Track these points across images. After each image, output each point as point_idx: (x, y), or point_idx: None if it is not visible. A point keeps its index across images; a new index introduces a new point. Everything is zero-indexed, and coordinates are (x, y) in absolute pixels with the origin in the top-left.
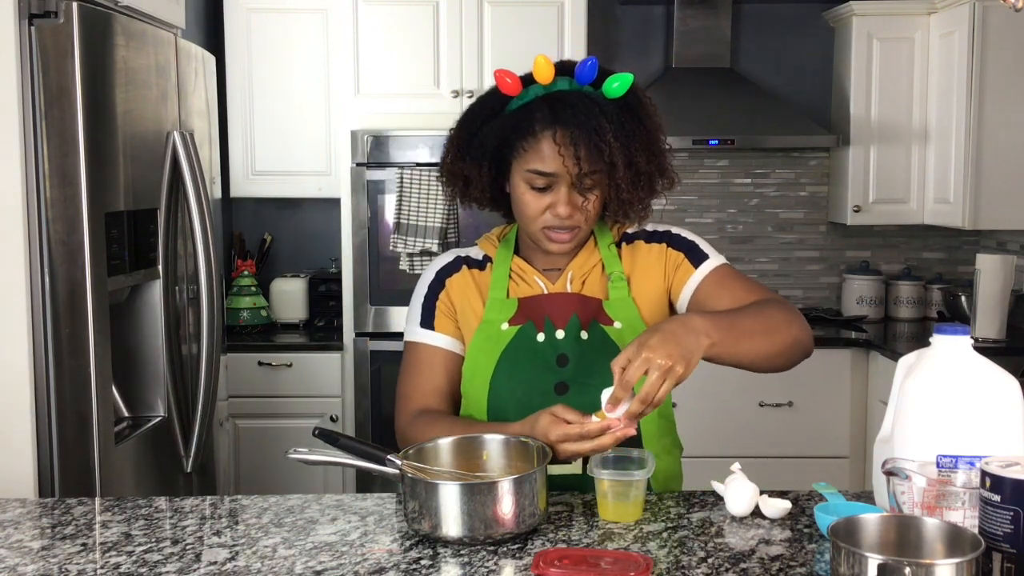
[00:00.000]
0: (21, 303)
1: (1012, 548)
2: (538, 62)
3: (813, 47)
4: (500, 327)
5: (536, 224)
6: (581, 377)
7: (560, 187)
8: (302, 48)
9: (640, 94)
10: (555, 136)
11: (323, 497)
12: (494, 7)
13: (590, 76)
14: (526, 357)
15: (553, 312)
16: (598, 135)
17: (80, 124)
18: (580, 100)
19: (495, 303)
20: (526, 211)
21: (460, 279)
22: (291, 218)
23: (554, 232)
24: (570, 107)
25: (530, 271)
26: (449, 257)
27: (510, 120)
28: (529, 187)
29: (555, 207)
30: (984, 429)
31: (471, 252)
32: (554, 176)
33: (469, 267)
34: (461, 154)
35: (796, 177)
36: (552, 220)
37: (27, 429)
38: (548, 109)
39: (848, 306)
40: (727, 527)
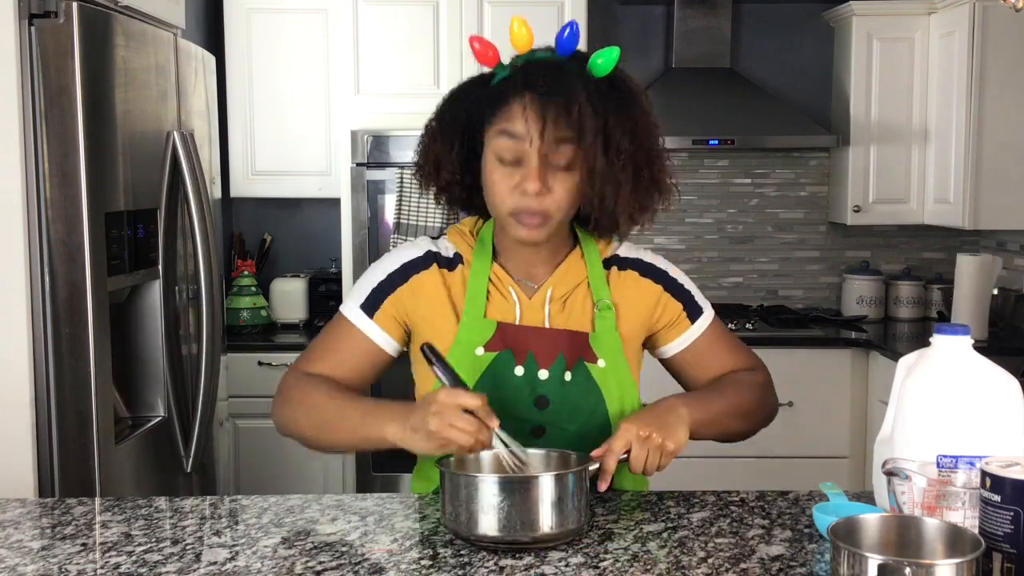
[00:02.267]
0: (21, 303)
1: (1012, 548)
2: (512, 27)
3: (813, 47)
4: (475, 351)
5: (506, 206)
6: (560, 421)
7: (530, 161)
8: (302, 48)
9: (629, 81)
10: (524, 100)
11: (323, 497)
12: (494, 7)
13: (571, 43)
14: (504, 394)
15: (538, 348)
16: (569, 97)
17: (80, 124)
18: (556, 66)
19: (472, 322)
20: (495, 190)
21: (429, 280)
22: (291, 218)
23: (523, 215)
24: (543, 72)
25: (506, 280)
26: (419, 251)
27: (485, 93)
28: (499, 162)
29: (523, 182)
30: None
31: (441, 246)
32: (521, 140)
33: (440, 266)
34: (435, 135)
35: (796, 177)
36: (521, 201)
37: (27, 429)
38: (522, 75)
39: (848, 306)
40: (727, 527)
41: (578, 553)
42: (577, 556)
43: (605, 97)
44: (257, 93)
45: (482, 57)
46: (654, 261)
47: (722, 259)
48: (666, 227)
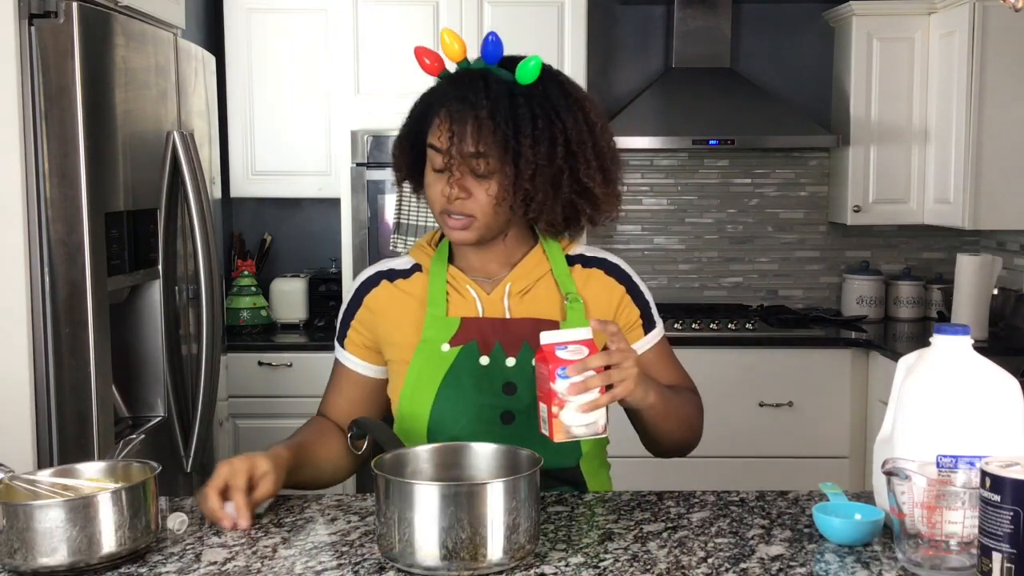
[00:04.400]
0: (21, 303)
1: (1012, 548)
2: (443, 38)
3: (813, 47)
4: (440, 348)
5: (436, 208)
6: (530, 407)
7: (452, 168)
8: (302, 48)
9: (564, 83)
10: (447, 111)
11: (323, 497)
12: (494, 7)
13: (494, 53)
14: (470, 383)
15: (504, 338)
16: (473, 111)
17: (80, 124)
18: (472, 78)
19: (434, 320)
20: (428, 195)
21: (380, 295)
22: (291, 218)
23: (448, 217)
24: (457, 84)
25: (462, 279)
26: (370, 272)
27: (423, 102)
28: (431, 167)
29: (443, 188)
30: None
31: (396, 263)
32: (441, 152)
33: (391, 279)
34: (397, 140)
35: (796, 177)
36: (446, 204)
37: (27, 429)
38: (446, 85)
39: (848, 306)
40: (727, 527)
41: (578, 553)
42: (577, 556)
43: (520, 106)
44: (257, 93)
45: (428, 68)
46: (619, 263)
47: (722, 259)
48: (666, 227)
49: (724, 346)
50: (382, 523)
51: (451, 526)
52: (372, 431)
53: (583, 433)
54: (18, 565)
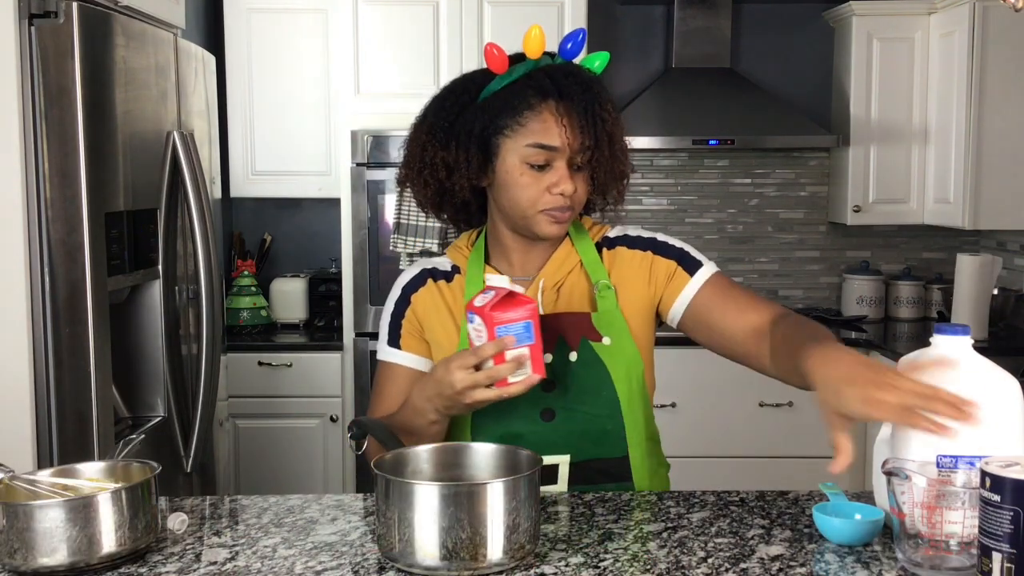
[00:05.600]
0: (21, 303)
1: (1012, 548)
2: (532, 33)
3: (813, 47)
4: None
5: (535, 207)
6: (569, 403)
7: (559, 164)
8: (302, 48)
9: None
10: (557, 107)
11: (323, 497)
12: (494, 7)
13: (576, 52)
14: None
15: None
16: (599, 106)
17: (80, 124)
18: (576, 71)
19: None
20: (524, 194)
21: (426, 294)
22: (291, 218)
23: (555, 212)
24: (569, 77)
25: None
26: (415, 271)
27: (499, 99)
28: (527, 167)
29: (558, 185)
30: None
31: (438, 263)
32: (556, 150)
33: (435, 280)
34: (443, 142)
35: (796, 177)
36: (552, 201)
37: (27, 428)
38: (548, 80)
39: (848, 306)
40: (727, 527)
41: (578, 553)
42: (577, 556)
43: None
44: (257, 93)
45: (495, 62)
46: (640, 233)
47: (722, 259)
48: (666, 227)
49: None
50: (382, 523)
51: (451, 526)
52: (372, 431)
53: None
54: (18, 565)
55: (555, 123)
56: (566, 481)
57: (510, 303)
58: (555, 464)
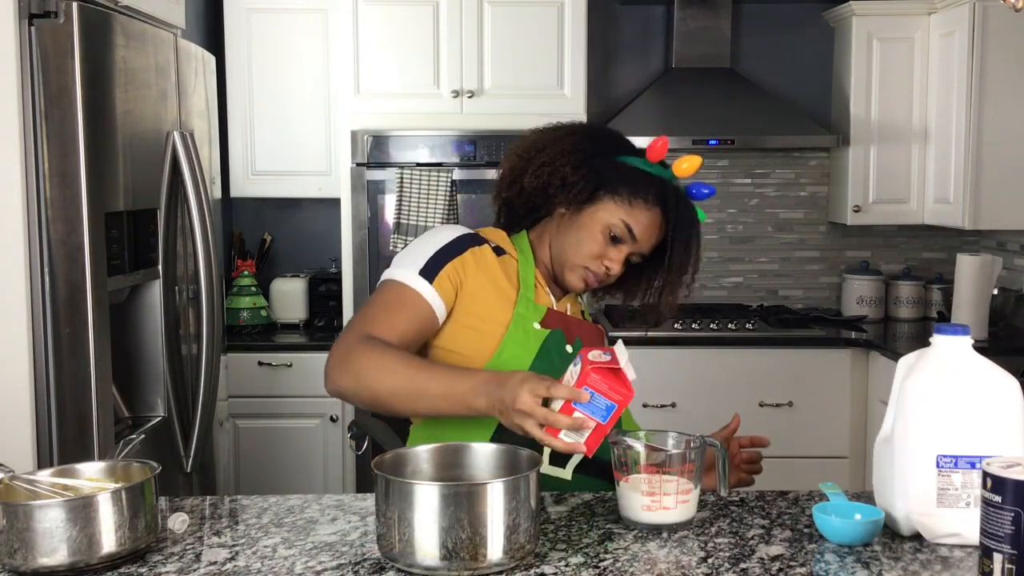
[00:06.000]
0: (21, 303)
1: (1013, 549)
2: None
3: (813, 47)
4: (533, 325)
5: (584, 261)
6: None
7: (625, 249)
8: (302, 48)
9: None
10: (663, 218)
11: (323, 497)
12: (494, 7)
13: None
14: (559, 365)
15: (583, 335)
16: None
17: (80, 124)
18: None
19: (527, 302)
20: (586, 248)
21: (487, 255)
22: (291, 218)
23: (591, 276)
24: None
25: (543, 280)
26: (463, 230)
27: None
28: (607, 232)
29: (611, 260)
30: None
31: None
32: (635, 241)
33: (490, 247)
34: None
35: (796, 177)
36: (597, 267)
37: (27, 429)
38: (674, 198)
39: (848, 306)
40: (727, 527)
41: (578, 553)
42: (577, 556)
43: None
44: (257, 93)
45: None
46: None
47: (722, 259)
48: None
49: (724, 346)
50: (382, 523)
51: (451, 526)
52: (372, 431)
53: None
54: (18, 565)
55: (652, 224)
56: (572, 470)
57: (614, 379)
58: None
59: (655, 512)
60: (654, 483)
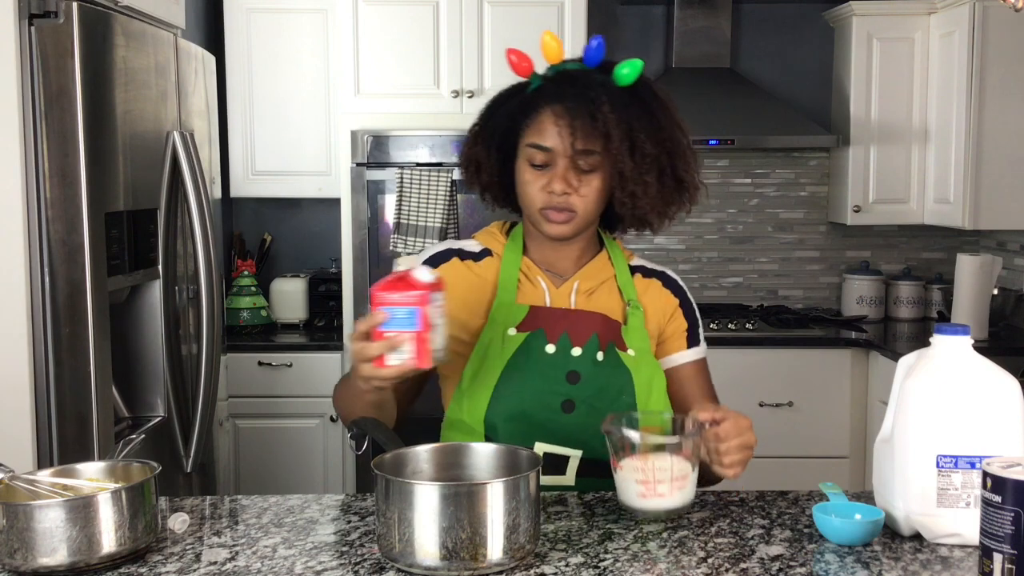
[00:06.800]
0: (21, 303)
1: (1013, 549)
2: (544, 39)
3: (813, 47)
4: (507, 332)
5: (536, 204)
6: (590, 398)
7: (558, 164)
8: (302, 48)
9: (654, 87)
10: (554, 110)
11: (323, 497)
12: (494, 7)
13: (597, 56)
14: (534, 369)
15: (572, 328)
16: (594, 106)
17: (80, 124)
18: (583, 77)
19: (503, 307)
20: (526, 191)
21: (451, 271)
22: (291, 218)
23: (551, 211)
24: (570, 81)
25: (535, 270)
26: (440, 247)
27: (519, 102)
28: (529, 165)
29: (550, 183)
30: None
31: (466, 245)
32: (551, 151)
33: (462, 259)
34: (475, 140)
35: (796, 177)
36: (549, 199)
37: (27, 429)
38: (552, 86)
39: (848, 306)
40: (727, 527)
41: (578, 553)
42: (577, 556)
43: (628, 104)
44: (257, 93)
45: (517, 68)
46: (676, 278)
47: (722, 259)
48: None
49: (724, 346)
50: (382, 523)
51: (451, 526)
52: (372, 431)
53: (442, 357)
54: (18, 565)
55: (551, 124)
56: (574, 474)
57: (401, 286)
58: (567, 456)
59: (650, 499)
60: (647, 470)
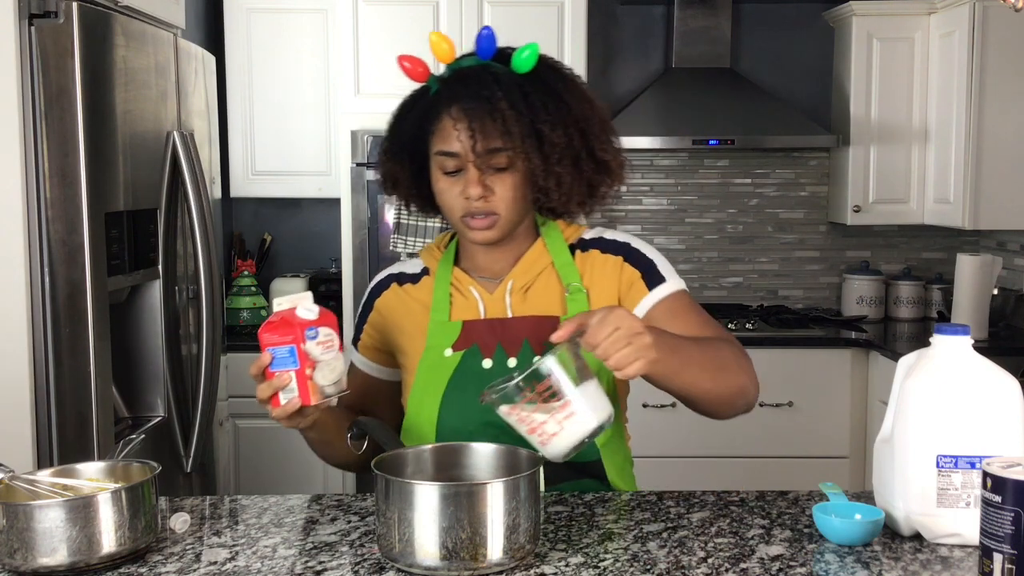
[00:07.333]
0: (21, 303)
1: (1013, 549)
2: (432, 40)
3: (813, 47)
4: (443, 353)
5: (456, 212)
6: None
7: (468, 168)
8: (302, 48)
9: (557, 66)
10: (454, 112)
11: (323, 497)
12: (494, 7)
13: (488, 47)
14: (474, 387)
15: (504, 339)
16: (490, 104)
17: (80, 124)
18: (476, 73)
19: (437, 327)
20: (444, 200)
21: (390, 297)
22: (291, 218)
23: (471, 219)
24: (464, 81)
25: (466, 280)
26: (382, 275)
27: (421, 108)
28: (442, 173)
29: (465, 190)
30: (984, 429)
31: (407, 267)
32: (457, 156)
33: (400, 283)
34: (387, 155)
35: (796, 177)
36: (467, 205)
37: (27, 429)
38: (446, 87)
39: (848, 306)
40: (727, 527)
41: (578, 553)
42: (577, 556)
43: (529, 94)
44: (257, 93)
45: (412, 74)
46: (615, 237)
47: (722, 259)
48: (666, 227)
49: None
50: (382, 523)
51: (451, 526)
52: (372, 431)
53: (334, 392)
54: (18, 565)
55: (452, 128)
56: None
57: (278, 325)
58: None
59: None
60: (524, 419)
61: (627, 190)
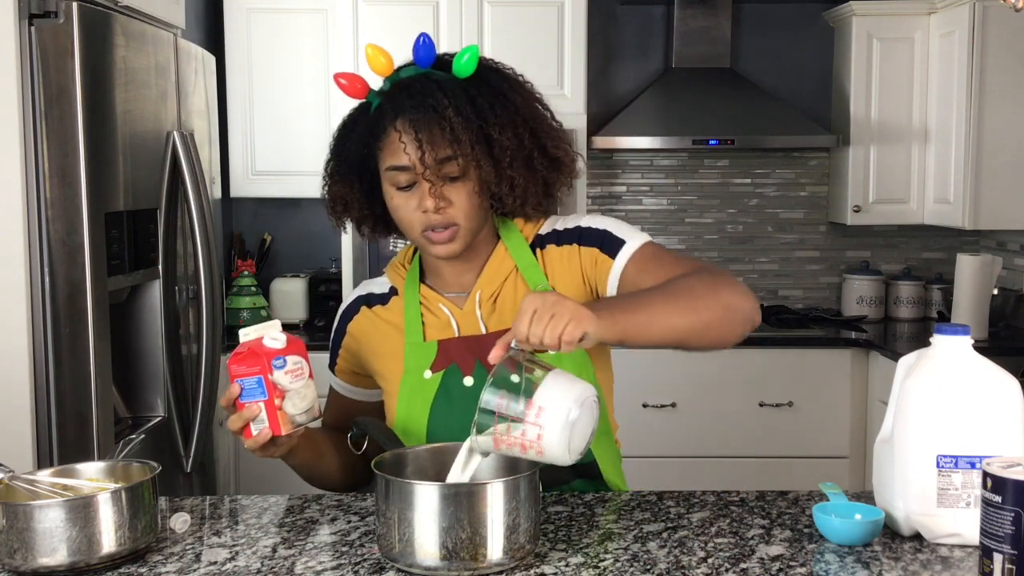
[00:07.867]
0: (21, 303)
1: (1013, 550)
2: (368, 53)
3: (813, 47)
4: (423, 376)
5: (415, 230)
6: None
7: (421, 181)
8: (302, 48)
9: (499, 67)
10: (399, 125)
11: (323, 497)
12: (494, 7)
13: (427, 55)
14: (459, 408)
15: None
16: (437, 113)
17: (80, 124)
18: (419, 82)
19: (413, 348)
20: (401, 217)
21: (362, 322)
22: (291, 218)
23: (432, 233)
24: (407, 92)
25: (434, 299)
26: (351, 298)
27: (365, 125)
28: (395, 189)
29: (420, 203)
30: (984, 429)
31: (375, 287)
32: (408, 170)
33: (370, 306)
34: (333, 177)
35: (796, 177)
36: (425, 219)
37: (27, 429)
38: (388, 100)
39: (848, 306)
40: (727, 527)
41: (578, 553)
42: (577, 556)
43: (475, 98)
44: (257, 93)
45: (351, 91)
46: (567, 224)
47: (722, 259)
48: (666, 227)
49: None
50: (382, 523)
51: (451, 526)
52: (372, 431)
53: (305, 420)
54: (18, 565)
55: (399, 141)
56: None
57: (245, 356)
58: None
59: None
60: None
61: (627, 190)
